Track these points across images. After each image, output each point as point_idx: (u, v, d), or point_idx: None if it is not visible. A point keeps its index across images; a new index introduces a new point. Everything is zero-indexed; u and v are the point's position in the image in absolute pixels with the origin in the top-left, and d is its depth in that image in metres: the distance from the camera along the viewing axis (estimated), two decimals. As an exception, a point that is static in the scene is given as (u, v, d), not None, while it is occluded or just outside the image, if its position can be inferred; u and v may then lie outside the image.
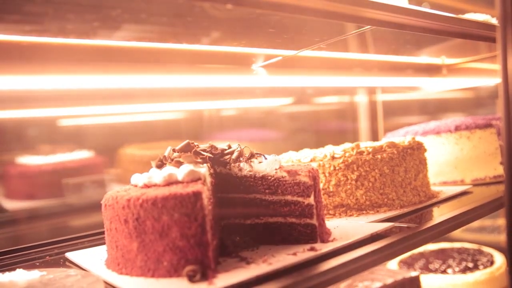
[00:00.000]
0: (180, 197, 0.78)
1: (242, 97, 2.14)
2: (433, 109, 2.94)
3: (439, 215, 1.08)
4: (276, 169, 0.95)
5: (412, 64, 1.82)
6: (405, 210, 1.14)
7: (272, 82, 1.46)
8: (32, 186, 1.76)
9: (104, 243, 0.95)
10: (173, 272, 0.78)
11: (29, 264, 1.05)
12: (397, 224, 1.01)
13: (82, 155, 1.87)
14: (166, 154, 0.97)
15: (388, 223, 0.99)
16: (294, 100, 2.41)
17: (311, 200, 0.91)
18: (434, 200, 1.22)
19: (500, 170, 1.46)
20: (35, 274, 0.91)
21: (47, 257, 1.10)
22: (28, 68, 0.98)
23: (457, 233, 2.26)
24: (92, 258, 0.98)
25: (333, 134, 2.54)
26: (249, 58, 1.26)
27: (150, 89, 1.37)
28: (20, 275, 0.91)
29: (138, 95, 1.84)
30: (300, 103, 2.47)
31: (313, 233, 0.91)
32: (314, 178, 0.93)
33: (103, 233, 0.94)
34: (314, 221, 0.91)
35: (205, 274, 0.75)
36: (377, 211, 1.14)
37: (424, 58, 1.84)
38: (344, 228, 1.00)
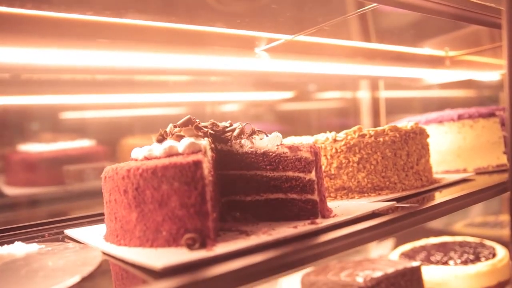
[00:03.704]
0: (180, 166, 0.77)
1: (244, 90, 2.15)
2: (435, 107, 2.94)
3: (441, 197, 1.07)
4: (277, 145, 0.94)
5: (415, 54, 1.82)
6: (407, 192, 1.13)
7: (275, 67, 1.46)
8: (33, 173, 1.76)
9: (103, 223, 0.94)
10: (172, 241, 0.77)
11: (27, 241, 1.05)
12: (398, 205, 1.00)
13: (84, 143, 1.88)
14: (167, 130, 0.97)
15: (389, 202, 0.98)
16: (296, 95, 2.41)
17: (312, 175, 0.91)
18: (436, 185, 1.21)
19: (503, 159, 1.45)
20: (33, 247, 0.91)
21: (46, 235, 1.09)
22: (29, 41, 0.98)
23: (459, 227, 2.25)
24: (91, 234, 0.97)
25: (335, 130, 2.54)
26: (253, 41, 1.26)
27: (153, 73, 1.37)
28: (18, 247, 0.90)
29: (140, 83, 1.84)
30: (302, 99, 2.47)
31: (314, 209, 0.90)
32: (316, 153, 0.92)
33: (103, 214, 0.93)
34: (315, 196, 0.90)
35: (204, 243, 0.74)
36: (379, 194, 1.13)
37: (427, 49, 1.83)
38: (346, 206, 0.99)
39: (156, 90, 1.94)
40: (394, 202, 0.98)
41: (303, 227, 0.83)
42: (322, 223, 0.84)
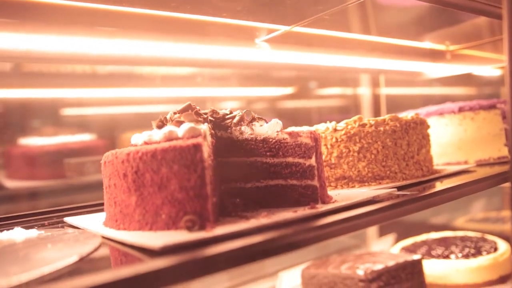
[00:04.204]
0: (179, 149, 0.77)
1: (245, 85, 2.15)
2: (436, 104, 2.94)
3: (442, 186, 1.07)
4: (277, 132, 0.94)
5: (415, 48, 1.81)
6: (408, 182, 1.12)
7: (276, 58, 1.45)
8: (34, 167, 1.77)
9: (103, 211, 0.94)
10: (172, 224, 0.77)
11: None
12: (398, 192, 1.00)
13: (84, 138, 1.88)
14: (168, 116, 0.97)
15: (390, 189, 0.98)
16: (297, 92, 2.41)
17: (312, 161, 0.90)
18: (437, 175, 1.21)
19: (504, 151, 1.44)
20: (33, 233, 0.90)
21: (46, 223, 1.09)
22: (30, 27, 0.98)
23: (460, 223, 2.25)
24: (90, 221, 0.97)
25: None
26: (253, 32, 1.26)
27: (152, 63, 1.36)
28: (18, 233, 0.90)
29: (141, 77, 1.84)
30: (302, 96, 2.47)
31: (314, 195, 0.90)
32: (316, 139, 0.92)
33: (103, 204, 0.93)
34: (315, 182, 0.90)
35: (203, 225, 0.74)
36: (379, 183, 1.13)
37: (427, 43, 1.83)
38: (346, 194, 0.99)
39: (157, 85, 1.94)
40: (395, 189, 0.98)
41: (303, 211, 0.82)
42: (322, 208, 0.84)
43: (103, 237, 0.81)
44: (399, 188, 1.08)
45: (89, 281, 0.53)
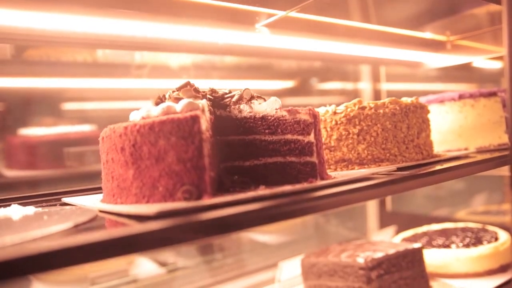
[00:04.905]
0: (177, 121, 0.77)
1: (244, 77, 2.14)
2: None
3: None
4: (276, 109, 0.93)
5: (416, 38, 1.81)
6: (408, 164, 1.12)
7: (275, 43, 1.45)
8: (34, 157, 1.76)
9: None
10: (168, 197, 0.76)
11: (24, 207, 1.04)
12: (398, 172, 0.99)
13: (85, 128, 1.88)
14: (166, 95, 0.96)
15: (390, 167, 0.98)
16: (296, 86, 2.40)
17: (311, 138, 0.90)
18: (437, 159, 1.20)
19: (504, 138, 1.44)
20: (30, 210, 0.90)
21: (44, 203, 1.08)
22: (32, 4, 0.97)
23: (461, 215, 2.23)
24: (88, 199, 0.97)
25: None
26: (253, 16, 1.25)
27: (150, 47, 1.35)
28: (15, 209, 0.90)
29: (142, 67, 1.84)
30: (303, 92, 2.47)
31: (313, 171, 0.90)
32: (315, 116, 0.91)
33: (100, 188, 0.92)
34: (314, 158, 0.90)
35: (201, 197, 0.73)
36: (379, 166, 1.12)
37: (428, 33, 1.83)
38: (345, 173, 0.98)
39: (158, 76, 1.94)
40: (395, 167, 0.97)
41: (301, 186, 0.82)
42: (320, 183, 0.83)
43: (100, 211, 0.81)
44: (399, 169, 1.07)
45: (81, 239, 0.52)
